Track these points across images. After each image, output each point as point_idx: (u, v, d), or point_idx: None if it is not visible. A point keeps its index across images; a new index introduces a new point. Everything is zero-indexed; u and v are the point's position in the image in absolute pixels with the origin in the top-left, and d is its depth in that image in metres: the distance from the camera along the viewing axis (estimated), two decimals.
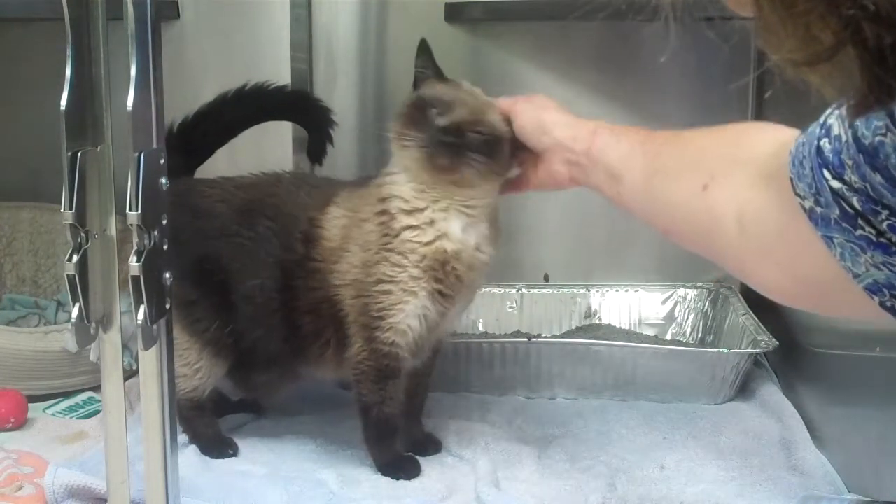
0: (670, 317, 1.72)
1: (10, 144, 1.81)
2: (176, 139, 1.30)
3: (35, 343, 1.46)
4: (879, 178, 0.60)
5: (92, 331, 0.90)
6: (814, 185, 0.66)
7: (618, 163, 1.01)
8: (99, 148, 0.89)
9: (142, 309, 0.85)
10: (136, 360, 0.91)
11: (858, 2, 0.41)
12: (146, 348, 0.88)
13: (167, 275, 0.89)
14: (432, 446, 1.31)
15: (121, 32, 0.84)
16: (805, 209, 0.67)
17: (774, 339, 1.46)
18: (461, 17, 1.72)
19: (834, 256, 0.66)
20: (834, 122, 0.64)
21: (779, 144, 0.76)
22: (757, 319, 1.53)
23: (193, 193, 1.28)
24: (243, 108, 1.37)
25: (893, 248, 0.62)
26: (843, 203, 0.63)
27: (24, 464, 1.26)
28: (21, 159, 1.80)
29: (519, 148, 1.18)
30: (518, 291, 1.73)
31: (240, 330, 1.27)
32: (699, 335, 1.69)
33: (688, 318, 1.71)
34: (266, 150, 1.62)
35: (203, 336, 1.26)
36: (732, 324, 1.59)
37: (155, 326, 0.87)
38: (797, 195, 0.68)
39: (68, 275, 0.87)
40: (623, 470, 1.25)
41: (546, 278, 1.78)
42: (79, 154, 0.87)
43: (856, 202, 0.62)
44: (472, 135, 1.17)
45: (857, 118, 0.60)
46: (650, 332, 1.71)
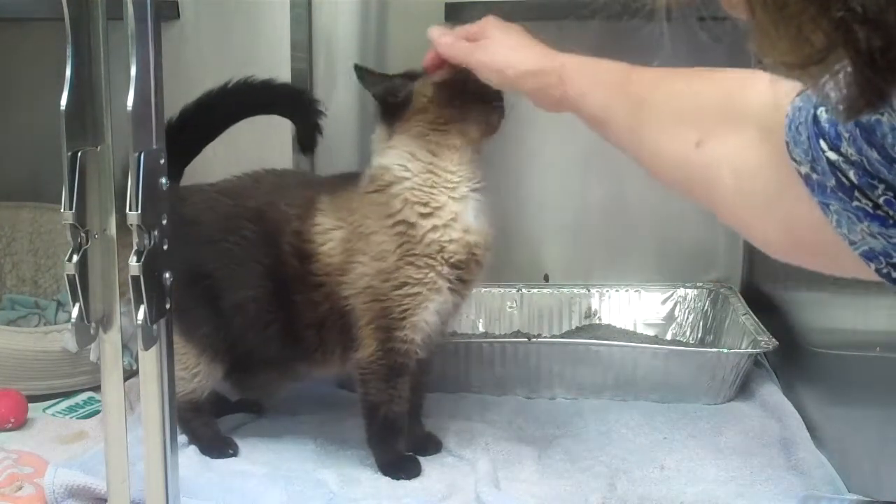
0: (670, 317, 1.72)
1: (10, 144, 1.81)
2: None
3: (35, 343, 1.46)
4: (875, 155, 0.60)
5: (92, 331, 0.90)
6: (810, 153, 0.65)
7: (599, 111, 0.98)
8: (99, 148, 0.89)
9: (142, 309, 0.85)
10: (136, 360, 0.91)
11: (848, 4, 0.41)
12: (146, 348, 0.88)
13: (167, 275, 0.89)
14: (432, 446, 1.31)
15: (121, 32, 0.84)
16: (801, 174, 0.67)
17: (774, 339, 1.46)
18: (461, 17, 1.72)
19: (830, 223, 0.66)
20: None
21: (775, 99, 0.75)
22: (757, 319, 1.53)
23: (179, 202, 1.27)
24: (228, 105, 1.36)
25: (890, 221, 0.62)
26: (840, 174, 0.63)
27: (24, 464, 1.26)
28: (21, 159, 1.80)
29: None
30: (518, 291, 1.73)
31: (237, 335, 1.27)
32: (699, 335, 1.69)
33: (688, 318, 1.71)
34: (266, 149, 1.62)
35: (201, 341, 1.26)
36: (732, 324, 1.59)
37: (155, 326, 0.87)
38: (793, 160, 0.68)
39: (68, 275, 0.87)
40: (623, 470, 1.25)
41: (546, 278, 1.78)
42: (79, 154, 0.87)
43: (852, 175, 0.62)
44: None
45: (849, 121, 0.60)
46: (650, 332, 1.71)
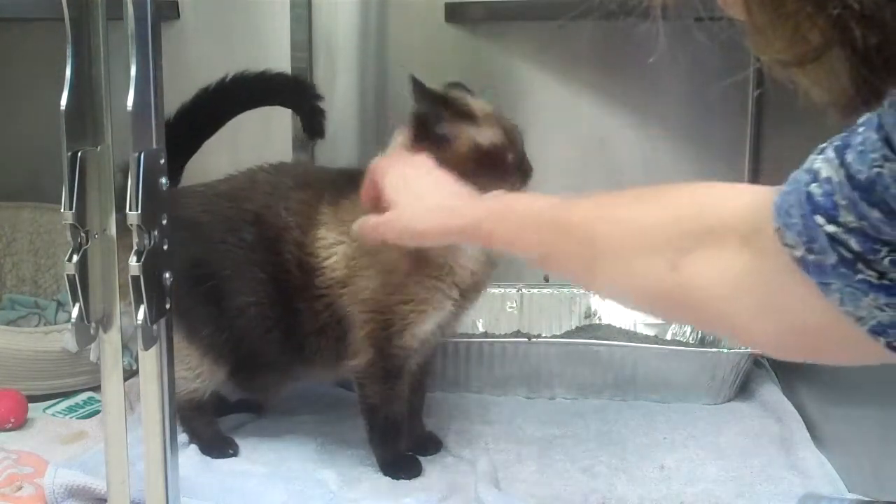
0: None
1: (10, 144, 1.81)
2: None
3: (35, 343, 1.45)
4: (877, 214, 0.59)
5: (92, 331, 0.90)
6: (804, 233, 0.63)
7: (536, 255, 0.92)
8: (99, 148, 0.89)
9: (142, 309, 0.85)
10: (136, 360, 0.91)
11: (844, 1, 0.41)
12: (146, 348, 0.87)
13: (167, 275, 0.89)
14: (432, 446, 1.31)
15: (121, 32, 0.84)
16: (796, 258, 0.65)
17: None
18: (461, 17, 1.72)
19: (832, 303, 0.65)
20: (822, 166, 0.62)
21: (745, 203, 0.73)
22: None
23: (177, 205, 1.26)
24: (226, 100, 1.36)
25: None
26: (840, 247, 0.61)
27: (24, 464, 1.26)
28: (21, 159, 1.80)
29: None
30: (518, 291, 1.73)
31: (239, 337, 1.27)
32: (699, 335, 1.68)
33: None
34: (266, 144, 1.62)
35: (204, 342, 1.26)
36: None
37: (155, 326, 0.87)
38: (786, 245, 0.65)
39: (68, 275, 0.87)
40: (623, 470, 1.25)
41: (546, 278, 1.78)
42: (79, 154, 0.87)
43: (853, 244, 0.61)
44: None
45: (845, 119, 0.59)
46: (650, 332, 1.70)
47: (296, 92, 1.43)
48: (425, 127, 1.17)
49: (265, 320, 1.25)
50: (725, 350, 1.48)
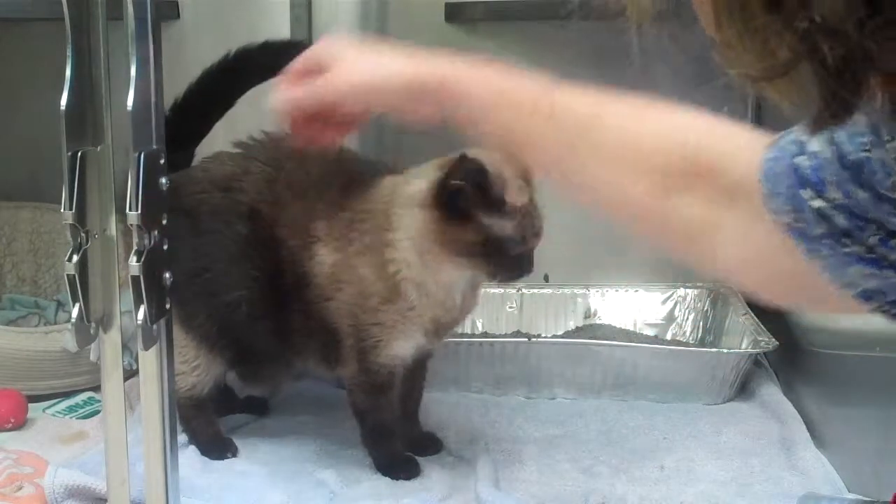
0: (670, 317, 1.72)
1: (10, 144, 1.81)
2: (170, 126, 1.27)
3: (35, 343, 1.46)
4: (864, 194, 0.59)
5: (92, 331, 0.90)
6: (790, 203, 0.63)
7: (510, 133, 0.84)
8: (99, 148, 0.89)
9: (142, 309, 0.85)
10: (136, 360, 0.91)
11: (810, 14, 0.42)
12: (146, 348, 0.87)
13: (167, 275, 0.89)
14: (432, 446, 1.31)
15: (121, 32, 0.84)
16: (783, 224, 0.65)
17: (774, 339, 1.46)
18: (461, 17, 1.72)
19: (818, 269, 0.65)
20: (810, 138, 0.62)
21: (740, 150, 0.73)
22: (757, 319, 1.53)
23: (179, 192, 1.19)
24: (232, 77, 1.32)
25: (884, 263, 0.61)
26: (826, 222, 0.61)
27: (24, 464, 1.26)
28: (21, 159, 1.80)
29: None
30: (518, 291, 1.73)
31: (235, 330, 1.27)
32: (699, 335, 1.69)
33: (688, 318, 1.71)
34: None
35: (199, 332, 1.26)
36: (732, 324, 1.59)
37: (155, 326, 0.87)
38: (773, 211, 0.65)
39: (68, 275, 0.87)
40: (623, 470, 1.25)
41: (546, 278, 1.78)
42: (79, 154, 0.87)
43: (840, 220, 0.60)
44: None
45: (815, 134, 0.59)
46: (650, 332, 1.70)
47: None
48: (448, 193, 1.11)
49: (257, 311, 1.24)
50: (725, 350, 1.48)
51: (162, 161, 0.87)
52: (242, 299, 1.23)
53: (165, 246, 0.88)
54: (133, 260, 0.84)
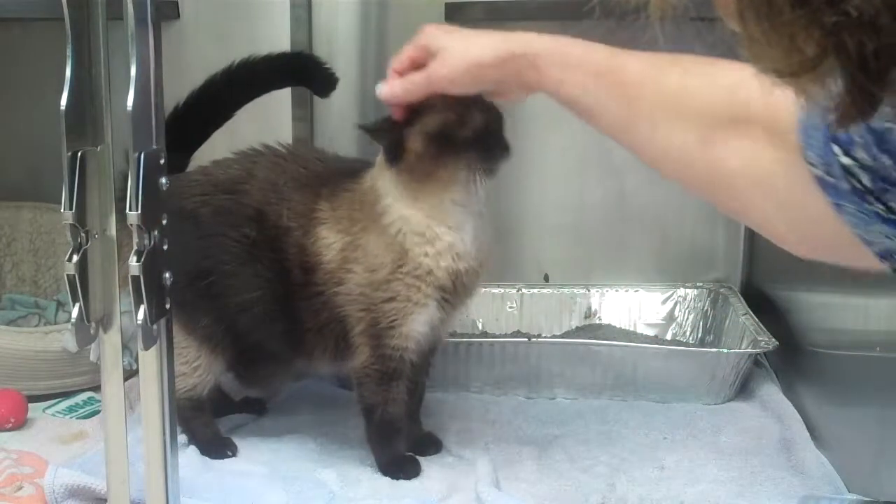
0: (670, 317, 1.72)
1: (10, 144, 1.81)
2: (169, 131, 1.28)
3: (35, 343, 1.45)
4: (888, 160, 0.61)
5: (92, 331, 0.90)
6: (822, 157, 0.66)
7: (581, 100, 0.95)
8: (99, 148, 0.89)
9: (142, 309, 0.85)
10: (136, 360, 0.91)
11: (841, 9, 0.41)
12: (146, 348, 0.88)
13: (167, 275, 0.89)
14: (432, 446, 1.31)
15: (121, 32, 0.84)
16: (816, 177, 0.68)
17: (774, 339, 1.45)
18: (461, 17, 1.72)
19: (845, 224, 0.67)
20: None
21: (777, 102, 0.76)
22: (757, 319, 1.53)
23: (179, 195, 1.23)
24: (234, 87, 1.34)
25: None
26: (853, 179, 0.64)
27: (24, 464, 1.26)
28: (21, 159, 1.80)
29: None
30: (518, 291, 1.73)
31: (237, 330, 1.27)
32: (699, 335, 1.69)
33: (688, 318, 1.71)
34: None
35: (202, 333, 1.26)
36: (732, 324, 1.59)
37: (155, 326, 0.87)
38: (808, 163, 0.68)
39: (68, 275, 0.87)
40: (623, 470, 1.25)
41: (546, 278, 1.78)
42: (79, 154, 0.87)
43: (865, 180, 0.63)
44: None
45: (841, 130, 0.60)
46: (650, 332, 1.70)
47: (305, 67, 1.41)
48: (392, 135, 1.17)
49: (264, 313, 1.25)
50: (725, 350, 1.48)
51: (162, 161, 0.87)
52: (253, 301, 1.24)
53: (165, 246, 0.88)
54: (133, 260, 0.84)
